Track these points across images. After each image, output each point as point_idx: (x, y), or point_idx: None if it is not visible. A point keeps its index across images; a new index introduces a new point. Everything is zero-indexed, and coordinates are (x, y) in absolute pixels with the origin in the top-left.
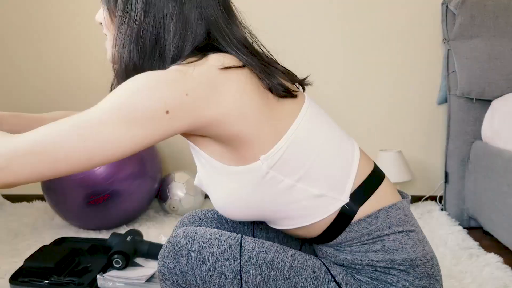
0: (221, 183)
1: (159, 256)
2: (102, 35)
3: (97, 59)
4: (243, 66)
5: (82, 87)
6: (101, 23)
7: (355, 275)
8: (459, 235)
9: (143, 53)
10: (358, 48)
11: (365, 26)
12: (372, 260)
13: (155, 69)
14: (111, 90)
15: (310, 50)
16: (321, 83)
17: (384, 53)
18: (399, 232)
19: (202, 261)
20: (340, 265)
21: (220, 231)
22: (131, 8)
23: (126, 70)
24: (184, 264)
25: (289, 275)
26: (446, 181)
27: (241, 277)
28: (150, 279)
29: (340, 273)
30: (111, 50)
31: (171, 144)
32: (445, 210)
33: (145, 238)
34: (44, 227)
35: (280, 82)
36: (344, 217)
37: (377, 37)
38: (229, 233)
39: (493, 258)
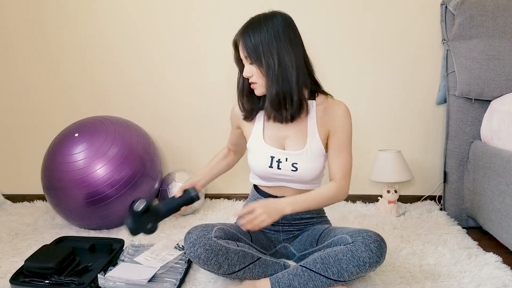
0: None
1: None
2: (105, 35)
3: (98, 60)
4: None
5: (84, 87)
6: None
7: None
8: (458, 234)
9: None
10: (357, 49)
11: (365, 27)
12: None
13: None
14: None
15: (309, 52)
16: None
17: (383, 53)
18: None
19: None
20: None
21: None
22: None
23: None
24: None
25: None
26: (445, 181)
27: None
28: (151, 279)
29: None
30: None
31: (171, 144)
32: (444, 210)
33: (146, 237)
34: (45, 227)
35: None
36: None
37: (376, 37)
38: None
39: (492, 258)
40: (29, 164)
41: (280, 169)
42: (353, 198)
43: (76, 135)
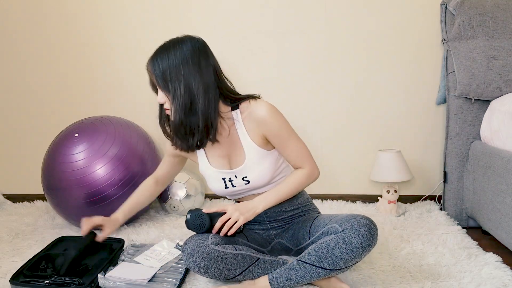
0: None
1: None
2: (105, 36)
3: (98, 60)
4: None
5: (84, 87)
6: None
7: None
8: (458, 234)
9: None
10: (357, 49)
11: (364, 26)
12: None
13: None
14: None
15: (310, 51)
16: (320, 83)
17: (383, 53)
18: None
19: None
20: None
21: None
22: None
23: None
24: None
25: None
26: (445, 181)
27: None
28: (151, 279)
29: None
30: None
31: None
32: (444, 210)
33: (146, 238)
34: (45, 227)
35: None
36: None
37: (376, 37)
38: None
39: (492, 258)
40: (29, 164)
41: (235, 186)
42: (353, 198)
43: (76, 135)
